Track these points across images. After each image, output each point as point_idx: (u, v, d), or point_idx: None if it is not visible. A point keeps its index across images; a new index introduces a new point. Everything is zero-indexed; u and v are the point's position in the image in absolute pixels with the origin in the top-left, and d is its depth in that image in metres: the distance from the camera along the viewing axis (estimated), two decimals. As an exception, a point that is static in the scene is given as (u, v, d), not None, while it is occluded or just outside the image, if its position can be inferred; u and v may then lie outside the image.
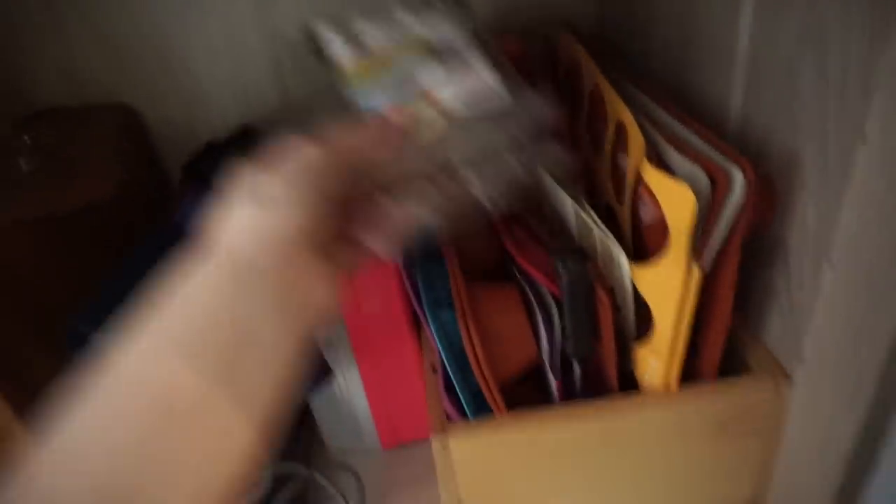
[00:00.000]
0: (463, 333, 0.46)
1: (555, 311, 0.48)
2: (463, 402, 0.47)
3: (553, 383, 0.49)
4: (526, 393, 0.50)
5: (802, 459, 0.51)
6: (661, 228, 0.44)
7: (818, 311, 0.45)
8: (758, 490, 0.56)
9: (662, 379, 0.49)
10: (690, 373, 0.50)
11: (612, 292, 0.48)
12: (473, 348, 0.45)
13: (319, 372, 0.58)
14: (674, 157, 0.44)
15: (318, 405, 0.67)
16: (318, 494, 0.66)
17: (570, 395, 0.51)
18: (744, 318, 0.54)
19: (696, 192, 0.39)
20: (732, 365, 0.52)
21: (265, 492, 0.61)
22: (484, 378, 0.46)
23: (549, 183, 0.54)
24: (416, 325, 0.60)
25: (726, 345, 0.50)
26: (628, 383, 0.52)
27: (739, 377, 0.50)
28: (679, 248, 0.42)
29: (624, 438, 0.50)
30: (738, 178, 0.41)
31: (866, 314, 0.40)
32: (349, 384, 0.65)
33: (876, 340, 0.40)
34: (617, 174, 0.53)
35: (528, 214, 0.56)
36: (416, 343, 0.61)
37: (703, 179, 0.41)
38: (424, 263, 0.51)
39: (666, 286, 0.45)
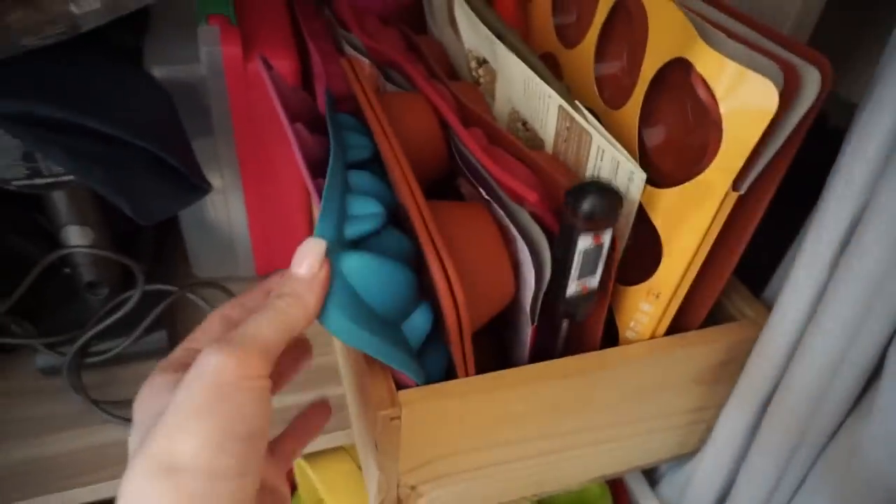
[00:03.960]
0: (434, 270, 0.32)
1: (543, 243, 0.35)
2: (413, 368, 0.33)
3: (527, 329, 0.38)
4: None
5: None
6: (687, 139, 0.34)
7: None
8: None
9: (652, 327, 0.40)
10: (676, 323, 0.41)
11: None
12: (451, 289, 0.31)
13: (195, 185, 0.48)
14: (726, 45, 0.32)
15: (192, 232, 0.59)
16: (187, 311, 0.60)
17: (541, 343, 0.40)
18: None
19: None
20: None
21: (131, 310, 0.54)
22: (460, 329, 0.33)
23: (524, 73, 0.40)
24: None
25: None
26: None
27: (728, 325, 0.43)
28: (731, 164, 0.32)
29: (601, 391, 0.41)
30: (813, 79, 0.31)
31: None
32: (229, 207, 0.57)
33: None
34: (605, 71, 0.41)
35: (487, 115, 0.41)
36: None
37: (777, 75, 0.30)
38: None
39: (691, 212, 0.35)
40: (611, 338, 0.42)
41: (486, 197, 0.38)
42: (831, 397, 0.39)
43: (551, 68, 0.46)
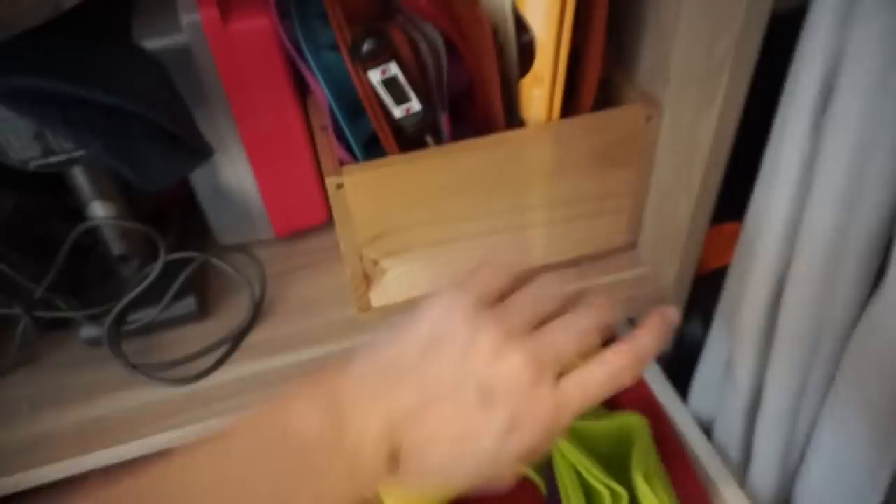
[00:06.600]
0: (353, 74, 0.43)
1: (439, 40, 0.46)
2: (356, 150, 0.46)
3: (442, 116, 0.48)
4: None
5: (670, 177, 0.53)
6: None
7: (681, 29, 0.47)
8: (633, 230, 0.59)
9: (546, 109, 0.50)
10: (570, 113, 0.51)
11: (495, 34, 0.48)
12: (365, 89, 0.43)
13: (197, 149, 0.51)
14: None
15: (207, 200, 0.62)
16: (216, 278, 0.63)
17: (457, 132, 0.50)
18: (617, 58, 0.56)
19: None
20: (607, 106, 0.53)
21: (161, 280, 0.56)
22: (378, 119, 0.44)
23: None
24: (301, 93, 0.57)
25: (601, 89, 0.52)
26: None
27: (613, 108, 0.52)
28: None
29: (511, 170, 0.50)
30: None
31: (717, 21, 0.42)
32: (239, 172, 0.60)
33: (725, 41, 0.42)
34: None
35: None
36: (303, 116, 0.57)
37: None
38: (300, 10, 0.47)
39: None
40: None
41: (402, 19, 0.50)
42: (843, 277, 0.39)
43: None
